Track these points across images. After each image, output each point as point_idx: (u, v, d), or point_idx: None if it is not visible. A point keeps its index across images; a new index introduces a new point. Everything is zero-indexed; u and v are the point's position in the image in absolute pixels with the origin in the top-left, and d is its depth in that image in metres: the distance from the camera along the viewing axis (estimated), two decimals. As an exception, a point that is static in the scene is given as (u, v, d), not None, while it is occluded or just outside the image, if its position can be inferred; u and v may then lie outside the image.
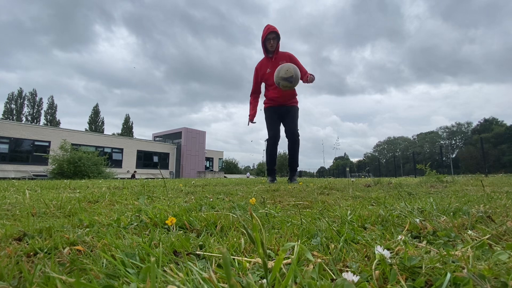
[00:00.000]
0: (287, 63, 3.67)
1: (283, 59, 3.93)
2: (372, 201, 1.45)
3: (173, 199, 1.63)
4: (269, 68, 4.00)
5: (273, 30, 3.87)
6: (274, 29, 3.87)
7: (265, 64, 4.06)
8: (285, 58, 3.95)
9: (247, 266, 0.52)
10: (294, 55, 4.03)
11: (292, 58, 3.98)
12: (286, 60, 3.92)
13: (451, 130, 70.21)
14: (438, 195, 1.67)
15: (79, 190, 2.31)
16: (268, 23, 4.86)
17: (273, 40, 3.87)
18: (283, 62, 3.86)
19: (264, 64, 4.07)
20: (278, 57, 3.96)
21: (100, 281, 0.45)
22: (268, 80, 4.05)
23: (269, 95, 4.12)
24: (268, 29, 3.89)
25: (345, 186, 2.58)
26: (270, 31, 3.86)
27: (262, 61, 4.13)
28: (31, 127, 20.55)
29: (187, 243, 0.66)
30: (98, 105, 49.26)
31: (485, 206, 1.08)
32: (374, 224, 0.87)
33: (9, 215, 1.09)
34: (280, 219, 0.94)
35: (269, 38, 3.88)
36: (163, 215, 0.94)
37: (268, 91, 4.16)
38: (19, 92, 43.45)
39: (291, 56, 4.01)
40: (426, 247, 0.61)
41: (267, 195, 1.81)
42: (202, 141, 31.68)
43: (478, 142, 36.48)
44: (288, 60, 3.90)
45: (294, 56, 4.03)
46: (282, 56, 3.97)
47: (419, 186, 2.57)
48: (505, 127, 48.23)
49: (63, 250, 0.62)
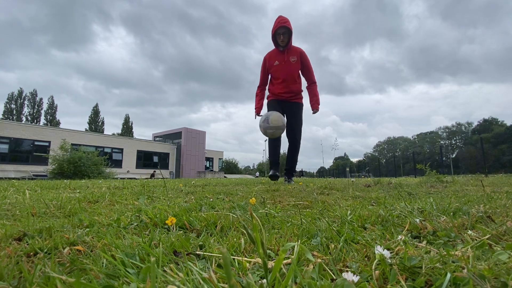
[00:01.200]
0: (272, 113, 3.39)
1: (294, 54, 3.71)
2: (372, 201, 1.45)
3: (173, 199, 1.63)
4: (277, 60, 3.75)
5: (283, 24, 3.53)
6: (285, 23, 3.53)
7: (274, 56, 3.80)
8: (296, 54, 3.71)
9: (247, 266, 0.52)
10: (305, 53, 3.78)
11: (303, 55, 3.75)
12: (297, 56, 3.70)
13: (451, 130, 70.25)
14: (438, 195, 1.67)
15: (79, 190, 2.31)
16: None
17: (284, 35, 3.58)
18: (294, 57, 3.69)
19: (273, 56, 3.81)
20: (289, 51, 3.71)
21: (100, 281, 0.45)
22: (275, 73, 3.84)
23: (274, 90, 3.91)
24: (278, 22, 3.56)
25: (345, 186, 2.58)
26: (281, 25, 3.54)
27: (272, 52, 3.86)
28: (31, 127, 20.55)
29: (187, 243, 0.66)
30: (98, 105, 49.33)
31: (485, 206, 1.08)
32: (374, 224, 0.87)
33: (9, 215, 1.09)
34: (280, 219, 0.94)
35: (279, 33, 3.59)
36: (163, 215, 0.94)
37: (273, 85, 3.94)
38: (19, 92, 43.48)
39: (302, 53, 3.76)
40: (426, 247, 0.61)
41: (267, 195, 1.81)
42: (202, 141, 31.68)
43: (478, 142, 36.45)
44: (299, 57, 3.71)
45: (305, 54, 3.78)
46: (293, 51, 3.72)
47: (419, 186, 2.57)
48: (505, 127, 48.23)
49: (63, 250, 0.62)
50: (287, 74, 3.76)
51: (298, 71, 3.82)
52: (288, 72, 3.75)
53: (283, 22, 3.53)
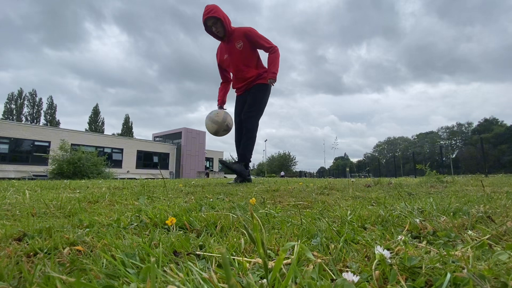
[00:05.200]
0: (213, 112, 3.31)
1: (238, 39, 3.30)
2: (372, 201, 1.45)
3: (173, 199, 1.63)
4: (226, 53, 3.44)
5: (209, 15, 3.10)
6: (211, 13, 3.09)
7: (221, 49, 3.52)
8: (240, 37, 3.29)
9: (247, 266, 0.52)
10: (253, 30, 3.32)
11: (248, 35, 3.28)
12: (242, 39, 3.28)
13: (451, 130, 70.30)
14: (438, 195, 1.67)
15: (79, 190, 2.31)
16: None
17: (215, 26, 3.19)
18: (239, 42, 3.30)
19: (221, 49, 3.54)
20: (233, 38, 3.31)
21: (100, 281, 0.45)
22: (228, 67, 3.57)
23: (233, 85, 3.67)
24: (204, 15, 3.13)
25: (345, 186, 2.58)
26: (207, 17, 3.12)
27: (220, 46, 3.56)
28: (31, 127, 20.54)
29: (187, 243, 0.66)
30: (98, 105, 49.34)
31: (485, 206, 1.08)
32: (374, 224, 0.87)
33: (9, 215, 1.09)
34: (280, 219, 0.94)
35: (210, 26, 3.20)
36: (163, 215, 0.94)
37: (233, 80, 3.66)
38: (19, 92, 43.53)
39: (247, 32, 3.28)
40: (426, 247, 0.61)
41: (267, 195, 1.80)
42: (202, 141, 31.66)
43: (478, 142, 36.49)
44: (244, 39, 3.29)
45: (251, 32, 3.29)
46: (237, 36, 3.29)
47: (419, 186, 2.57)
48: (505, 127, 48.30)
49: (63, 250, 0.62)
50: (237, 63, 3.44)
51: (248, 55, 3.40)
52: (237, 60, 3.42)
53: (208, 13, 3.11)
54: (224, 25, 3.19)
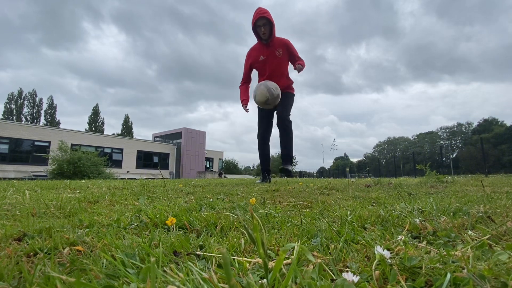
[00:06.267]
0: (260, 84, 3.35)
1: (278, 46, 3.52)
2: (372, 201, 1.44)
3: (173, 199, 1.63)
4: (262, 55, 3.56)
5: (263, 15, 3.32)
6: (265, 14, 3.33)
7: (258, 50, 3.60)
8: (281, 46, 3.53)
9: (247, 266, 0.52)
10: (291, 43, 3.60)
11: (289, 46, 3.56)
12: (283, 48, 3.53)
13: (451, 130, 70.32)
14: (438, 196, 1.67)
15: (79, 191, 2.31)
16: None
17: (264, 27, 3.37)
18: (280, 50, 3.52)
19: (257, 50, 3.61)
20: (273, 44, 3.52)
21: (100, 281, 0.45)
22: (261, 68, 3.65)
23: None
24: (257, 14, 3.35)
25: (345, 187, 2.58)
26: (260, 16, 3.33)
27: (255, 46, 3.65)
28: (31, 127, 20.54)
29: (187, 243, 0.66)
30: (98, 106, 49.26)
31: (485, 206, 1.08)
32: (374, 224, 0.87)
33: (9, 215, 1.09)
34: (280, 219, 0.94)
35: (259, 25, 3.38)
36: (163, 216, 0.94)
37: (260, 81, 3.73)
38: (19, 92, 43.48)
39: (288, 44, 3.56)
40: (426, 247, 0.61)
41: (267, 196, 1.80)
42: (202, 141, 31.67)
43: (478, 142, 36.49)
44: (285, 49, 3.54)
45: (291, 44, 3.59)
46: (278, 43, 3.53)
47: (419, 187, 2.57)
48: (505, 127, 48.28)
49: (63, 250, 0.62)
50: (274, 68, 3.59)
51: (286, 64, 3.65)
52: (275, 66, 3.59)
53: (262, 13, 3.33)
54: (271, 30, 3.43)
